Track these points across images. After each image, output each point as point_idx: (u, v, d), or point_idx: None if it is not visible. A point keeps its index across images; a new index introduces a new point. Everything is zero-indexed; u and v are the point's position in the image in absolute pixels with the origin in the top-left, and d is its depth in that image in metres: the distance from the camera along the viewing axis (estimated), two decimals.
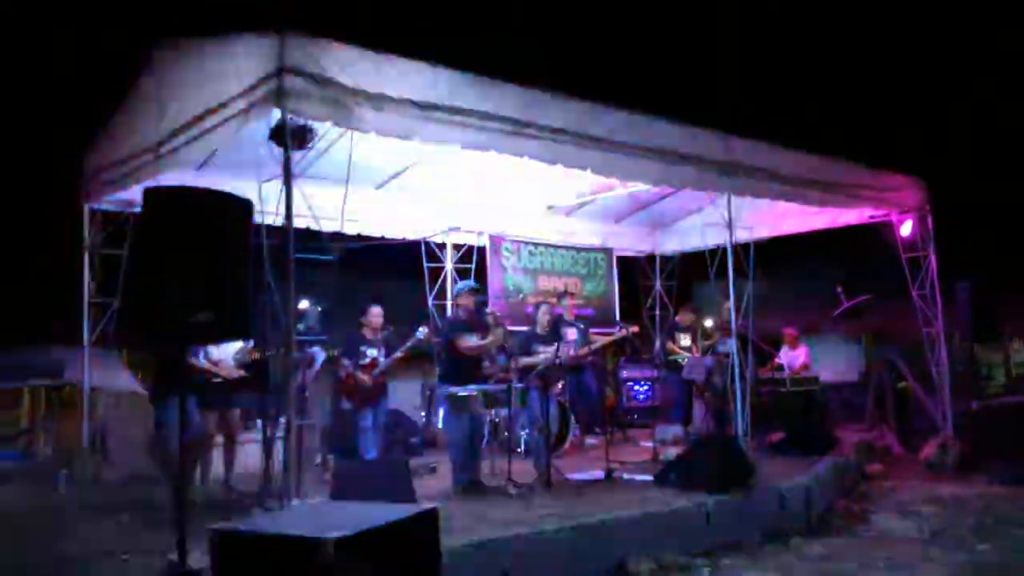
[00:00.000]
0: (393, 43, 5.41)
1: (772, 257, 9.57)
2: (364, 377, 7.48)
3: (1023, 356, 12.39)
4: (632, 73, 18.28)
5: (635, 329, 9.07)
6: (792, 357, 10.22)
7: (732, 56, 19.60)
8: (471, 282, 7.81)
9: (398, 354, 7.62)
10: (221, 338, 5.70)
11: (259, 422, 7.59)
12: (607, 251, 12.07)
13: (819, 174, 8.50)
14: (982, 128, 16.76)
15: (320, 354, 7.60)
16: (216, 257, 3.72)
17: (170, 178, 5.99)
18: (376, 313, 7.64)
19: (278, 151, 5.02)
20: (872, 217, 9.82)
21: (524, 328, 8.74)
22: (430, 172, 8.60)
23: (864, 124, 17.50)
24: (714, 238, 8.17)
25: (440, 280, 10.31)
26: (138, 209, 3.84)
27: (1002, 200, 14.79)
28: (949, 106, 17.53)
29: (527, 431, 7.72)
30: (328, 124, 5.29)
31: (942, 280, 9.67)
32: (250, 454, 7.19)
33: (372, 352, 7.57)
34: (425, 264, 10.21)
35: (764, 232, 9.83)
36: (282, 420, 5.40)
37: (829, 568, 5.48)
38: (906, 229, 9.67)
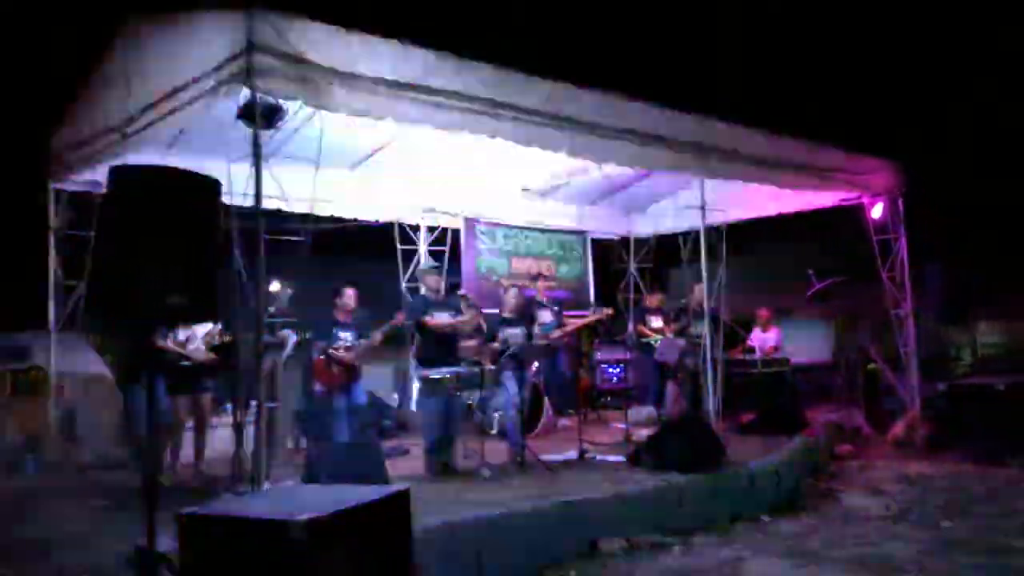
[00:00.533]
0: (365, 20, 5.34)
1: (745, 239, 9.65)
2: (342, 356, 7.42)
3: (990, 337, 12.58)
4: (607, 54, 18.22)
5: (609, 312, 9.09)
6: (763, 339, 10.31)
7: (709, 38, 19.61)
8: (431, 260, 7.78)
9: (377, 336, 7.57)
10: (191, 320, 5.64)
11: (229, 406, 7.53)
12: (582, 234, 12.08)
13: (792, 156, 8.54)
14: (954, 112, 16.92)
15: (292, 337, 7.54)
16: (185, 237, 3.65)
17: (138, 158, 5.88)
18: (350, 295, 7.58)
19: (247, 130, 4.94)
20: (844, 200, 9.90)
21: (496, 311, 8.73)
22: (404, 153, 8.53)
23: (838, 106, 17.59)
24: (688, 221, 8.21)
25: (414, 262, 10.26)
26: (104, 189, 3.76)
27: (972, 183, 14.95)
28: (920, 89, 17.67)
29: (500, 412, 7.72)
30: (298, 103, 5.21)
31: (912, 263, 9.78)
32: (221, 438, 7.14)
33: (346, 335, 7.51)
34: (399, 246, 10.16)
35: (737, 215, 9.89)
36: (253, 403, 5.36)
37: (799, 545, 5.55)
38: (877, 212, 9.76)
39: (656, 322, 10.15)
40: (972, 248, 12.74)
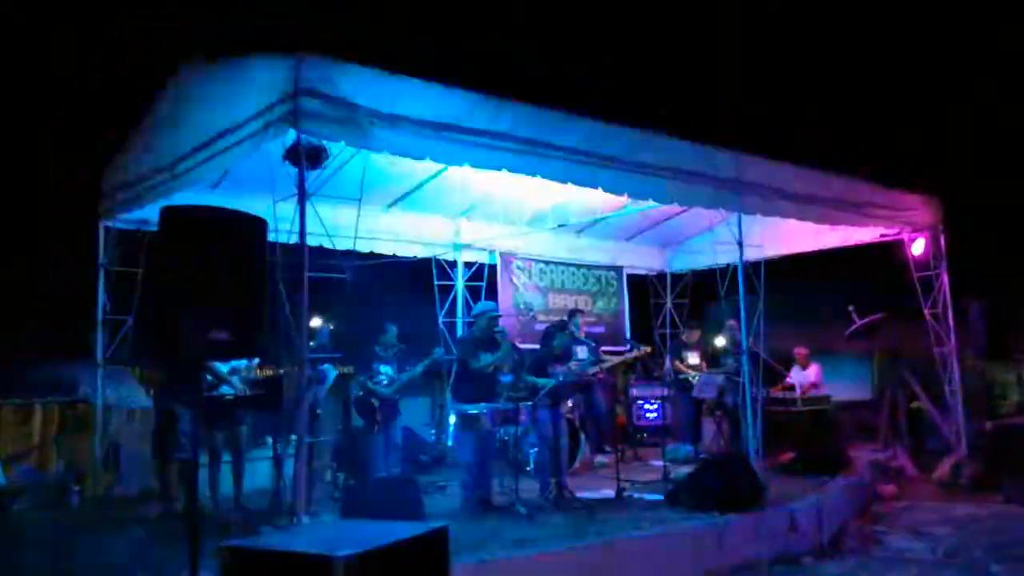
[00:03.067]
0: (407, 63, 5.47)
1: (784, 275, 9.56)
2: (382, 392, 7.48)
3: None
4: (644, 92, 18.33)
5: (648, 350, 9.05)
6: (803, 376, 10.18)
7: (743, 73, 19.64)
8: (494, 306, 7.80)
9: (418, 370, 7.64)
10: (236, 355, 5.73)
11: (269, 439, 7.61)
12: (618, 269, 12.08)
13: (830, 192, 8.50)
14: (996, 146, 16.72)
15: (331, 372, 7.63)
16: (231, 275, 3.75)
17: (185, 197, 6.06)
18: (392, 333, 7.69)
19: (292, 170, 5.07)
20: (884, 236, 9.80)
21: (534, 346, 8.75)
22: (442, 190, 8.65)
23: (877, 141, 17.48)
24: (725, 256, 8.16)
25: (451, 298, 10.34)
26: (153, 227, 3.88)
27: (1015, 218, 14.73)
28: (963, 123, 17.50)
29: (536, 449, 7.70)
30: (342, 143, 5.34)
31: (954, 299, 9.63)
32: (260, 472, 7.21)
33: (386, 369, 7.59)
34: (435, 282, 10.25)
35: (775, 250, 9.82)
36: (293, 437, 5.42)
37: None
38: (918, 248, 9.64)
39: (693, 358, 10.08)
40: (1016, 284, 12.51)
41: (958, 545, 6.59)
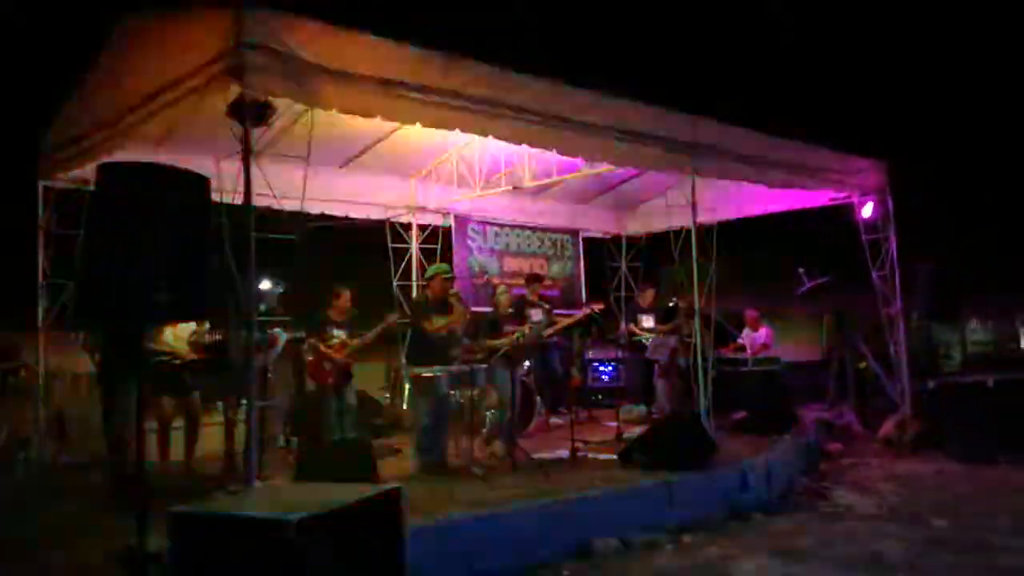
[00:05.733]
0: (357, 18, 5.32)
1: (735, 239, 9.64)
2: (334, 355, 7.39)
3: (979, 335, 12.66)
4: (599, 52, 18.24)
5: (600, 306, 9.08)
6: (754, 338, 10.34)
7: (701, 36, 19.63)
8: (447, 268, 7.75)
9: (370, 336, 7.56)
10: (180, 318, 5.59)
11: (220, 404, 7.50)
12: (573, 232, 12.09)
13: (782, 155, 8.55)
14: (942, 109, 17.00)
15: (282, 335, 7.52)
16: (174, 235, 3.63)
17: (128, 155, 5.85)
18: (346, 298, 7.59)
19: (238, 127, 4.91)
20: (834, 199, 9.92)
21: (488, 309, 8.73)
22: (395, 151, 8.51)
23: (827, 105, 17.65)
24: (679, 220, 8.19)
25: (405, 261, 10.25)
26: (93, 186, 3.73)
27: (962, 181, 15.04)
28: (908, 87, 17.74)
29: (492, 412, 7.71)
30: (289, 100, 5.19)
31: (901, 262, 9.81)
32: (211, 436, 7.12)
33: (339, 333, 7.50)
34: (390, 245, 10.14)
35: (728, 214, 9.89)
36: (244, 402, 5.33)
37: (790, 544, 5.56)
38: (867, 211, 9.77)
39: (648, 321, 10.16)
40: (961, 246, 12.81)
41: (902, 501, 6.77)
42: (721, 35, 19.31)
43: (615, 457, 6.92)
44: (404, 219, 10.25)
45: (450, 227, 10.47)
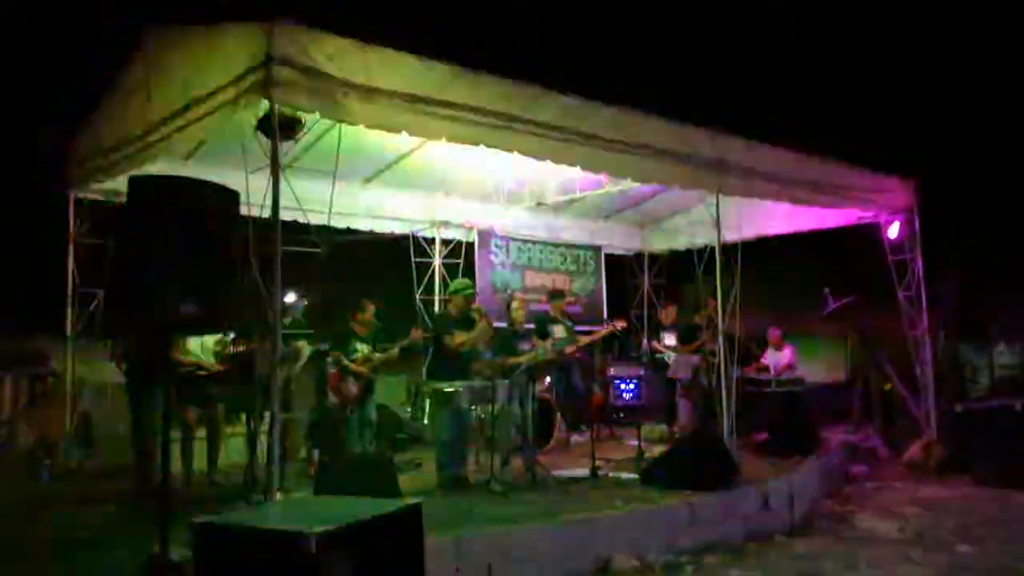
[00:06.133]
0: (384, 34, 5.37)
1: (760, 257, 9.59)
2: (357, 369, 7.43)
3: (1007, 358, 12.45)
4: (624, 68, 18.25)
5: (622, 324, 9.06)
6: (777, 357, 10.25)
7: (725, 53, 19.59)
8: (470, 284, 7.78)
9: (394, 351, 7.60)
10: (206, 330, 5.65)
11: (243, 415, 7.54)
12: (596, 248, 12.07)
13: (808, 174, 8.50)
14: (972, 130, 16.82)
15: (306, 348, 7.56)
16: (202, 248, 3.68)
17: (157, 168, 5.95)
18: (370, 310, 7.63)
19: (266, 142, 4.97)
20: (860, 218, 9.84)
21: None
22: (420, 166, 8.56)
23: (855, 123, 17.53)
24: (702, 237, 8.18)
25: (428, 275, 10.29)
26: (124, 198, 3.79)
27: (990, 202, 14.86)
28: (941, 107, 17.57)
29: (513, 427, 7.71)
30: (316, 115, 5.24)
31: (928, 282, 9.71)
32: (235, 448, 7.16)
33: (362, 347, 7.54)
34: (413, 259, 10.19)
35: (752, 232, 9.84)
36: (267, 414, 5.36)
37: (811, 567, 5.50)
38: (893, 231, 9.69)
39: (670, 339, 10.11)
40: (990, 268, 12.64)
41: (926, 525, 6.68)
42: (745, 50, 19.26)
43: (636, 476, 6.88)
44: (427, 233, 10.29)
45: (473, 242, 10.49)
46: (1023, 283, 12.27)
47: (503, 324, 8.31)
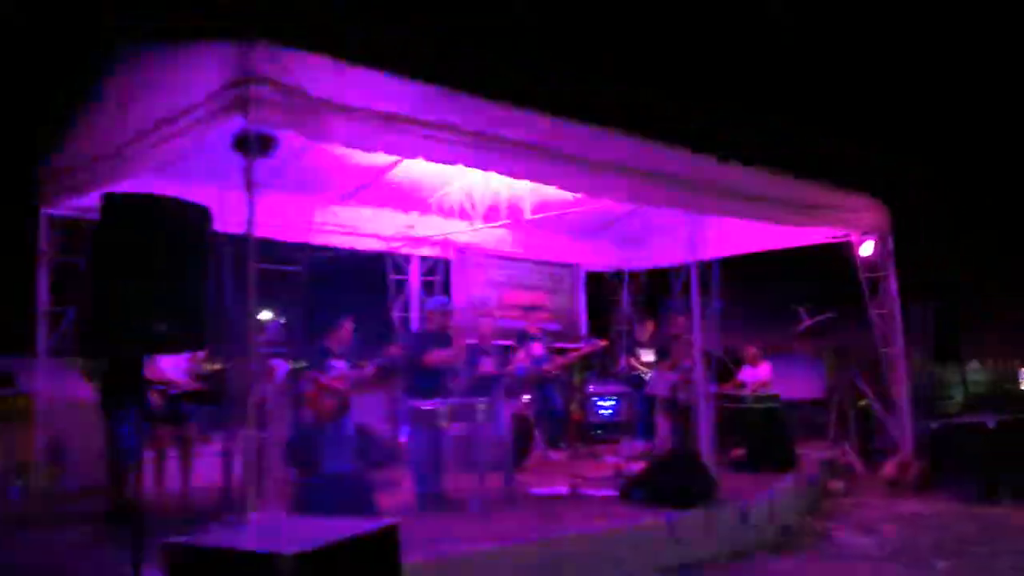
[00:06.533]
0: (360, 53, 5.37)
1: (736, 275, 9.66)
2: (336, 387, 7.37)
3: (980, 375, 12.62)
4: (600, 89, 18.38)
5: (602, 343, 9.07)
6: (754, 374, 10.29)
7: (701, 72, 19.80)
8: (447, 301, 7.76)
9: (370, 369, 7.55)
10: (179, 348, 5.58)
11: (218, 435, 7.45)
12: (574, 266, 12.09)
13: (783, 193, 8.59)
14: (943, 149, 17.11)
15: (282, 366, 7.49)
16: (175, 265, 3.65)
17: (130, 184, 5.88)
18: (348, 329, 7.59)
19: (241, 159, 4.94)
20: (834, 237, 9.95)
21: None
22: (396, 184, 8.55)
23: (827, 144, 17.76)
24: (680, 255, 8.21)
25: (405, 292, 10.25)
26: (96, 215, 3.75)
27: (962, 222, 15.10)
28: (912, 127, 17.86)
29: (490, 445, 7.66)
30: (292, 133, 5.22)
31: (902, 301, 9.81)
32: (208, 467, 7.06)
33: (339, 364, 7.48)
34: (390, 276, 10.15)
35: (729, 250, 9.91)
36: (241, 433, 5.30)
37: None
38: (866, 249, 9.79)
39: (647, 355, 10.13)
40: (962, 286, 12.81)
41: (904, 542, 6.71)
42: (719, 68, 19.48)
43: (615, 494, 6.86)
44: (405, 251, 10.26)
45: (450, 259, 10.48)
46: (996, 302, 12.47)
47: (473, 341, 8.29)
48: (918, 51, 18.04)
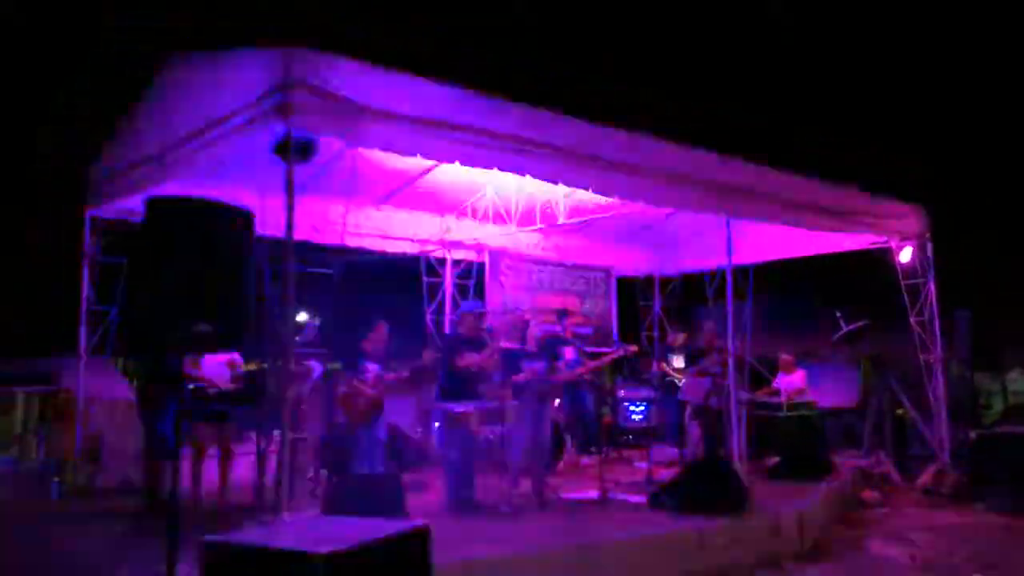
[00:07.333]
0: (398, 58, 5.43)
1: (772, 281, 9.59)
2: (369, 391, 7.44)
3: (1020, 384, 12.36)
4: (638, 95, 18.35)
5: (634, 348, 9.04)
6: (789, 381, 10.19)
7: (737, 78, 19.67)
8: (481, 306, 7.80)
9: (405, 373, 7.61)
10: (220, 349, 5.69)
11: (253, 435, 7.55)
12: (607, 270, 12.08)
13: (819, 199, 8.51)
14: (985, 156, 16.82)
15: (317, 367, 7.58)
16: (215, 267, 3.72)
17: (173, 188, 6.01)
18: (383, 331, 7.65)
19: (281, 164, 5.02)
20: (872, 243, 9.83)
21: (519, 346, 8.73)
22: (432, 187, 8.62)
23: (868, 150, 17.55)
24: (714, 260, 8.17)
25: (439, 295, 10.31)
26: (140, 218, 3.84)
27: (1002, 228, 14.83)
28: (955, 134, 17.57)
29: (522, 449, 7.68)
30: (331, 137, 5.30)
31: (941, 308, 9.67)
32: (244, 466, 7.17)
33: (373, 367, 7.55)
34: (424, 279, 10.22)
35: (764, 256, 9.85)
36: (277, 433, 5.38)
37: None
38: (905, 256, 9.67)
39: (679, 362, 10.09)
40: (1002, 294, 12.58)
41: (938, 553, 6.61)
42: (763, 79, 19.33)
43: (645, 500, 6.84)
44: (439, 254, 10.33)
45: (484, 263, 10.52)
46: None
47: (512, 345, 8.32)
48: (960, 56, 17.75)
